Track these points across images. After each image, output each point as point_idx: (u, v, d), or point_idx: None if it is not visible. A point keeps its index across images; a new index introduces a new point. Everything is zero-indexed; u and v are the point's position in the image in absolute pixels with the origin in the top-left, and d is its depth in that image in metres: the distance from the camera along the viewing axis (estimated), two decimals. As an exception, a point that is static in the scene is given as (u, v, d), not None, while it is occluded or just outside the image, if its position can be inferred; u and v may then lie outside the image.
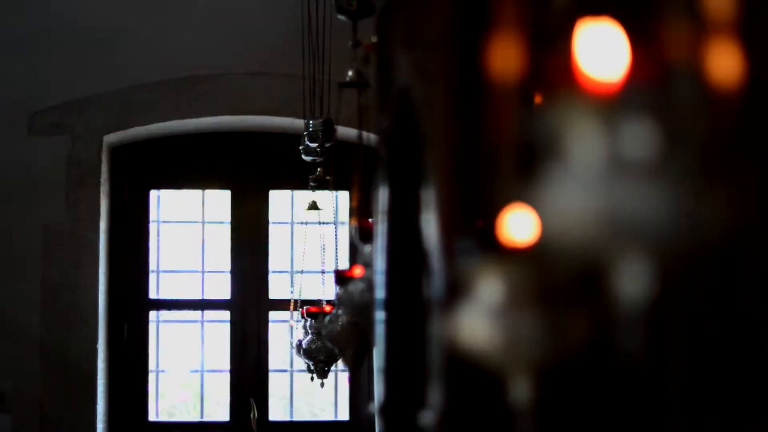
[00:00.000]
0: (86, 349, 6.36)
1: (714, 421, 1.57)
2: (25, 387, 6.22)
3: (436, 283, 2.12)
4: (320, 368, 5.27)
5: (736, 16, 1.00)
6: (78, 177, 6.40)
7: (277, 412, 7.02)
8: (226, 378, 6.95)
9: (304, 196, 6.95)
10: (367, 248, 3.90)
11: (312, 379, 5.47)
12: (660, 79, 0.94)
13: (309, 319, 5.37)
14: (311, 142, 5.52)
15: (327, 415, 7.08)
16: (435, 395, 2.14)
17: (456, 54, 2.05)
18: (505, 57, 1.05)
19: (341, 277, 4.16)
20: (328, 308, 5.15)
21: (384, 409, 3.17)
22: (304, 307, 5.54)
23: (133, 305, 6.90)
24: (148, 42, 6.41)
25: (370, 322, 4.00)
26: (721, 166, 0.95)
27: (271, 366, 6.99)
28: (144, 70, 6.44)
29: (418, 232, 2.80)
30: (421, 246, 2.55)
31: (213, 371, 6.96)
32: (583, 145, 0.97)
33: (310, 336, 5.27)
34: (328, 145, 5.46)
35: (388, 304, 3.28)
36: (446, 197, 2.07)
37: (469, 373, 1.79)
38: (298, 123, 6.02)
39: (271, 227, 7.04)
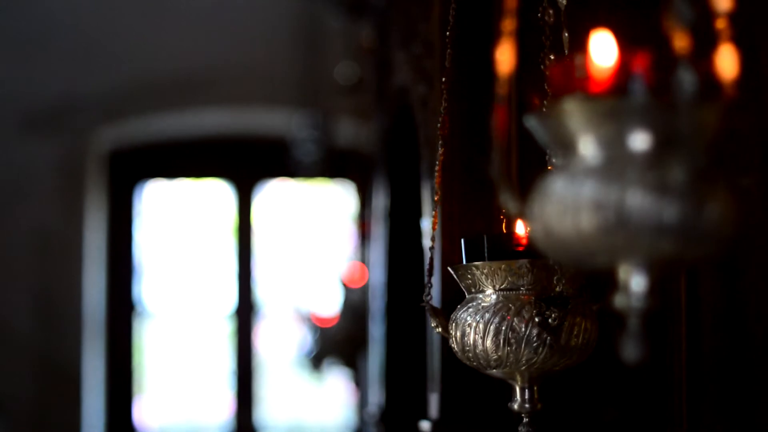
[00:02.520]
0: (78, 354, 6.31)
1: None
2: (18, 391, 6.17)
3: (435, 286, 2.10)
4: (320, 372, 5.27)
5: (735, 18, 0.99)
6: (72, 178, 6.33)
7: (275, 421, 6.98)
8: (223, 386, 6.89)
9: (299, 194, 6.91)
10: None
11: (311, 383, 5.44)
12: (662, 80, 0.93)
13: (311, 325, 5.36)
14: (308, 138, 5.51)
15: (327, 422, 7.03)
16: (434, 401, 2.12)
17: (456, 55, 2.03)
18: (506, 59, 1.04)
19: (344, 283, 4.18)
20: (328, 316, 5.14)
21: (383, 415, 3.16)
22: (306, 313, 5.52)
23: (128, 309, 6.83)
24: (143, 42, 6.36)
25: (366, 328, 3.99)
26: (722, 167, 0.94)
27: (270, 373, 6.94)
28: (138, 69, 6.39)
29: (417, 235, 2.79)
30: (420, 248, 2.54)
31: (208, 378, 6.91)
32: (584, 147, 0.96)
33: (312, 341, 5.27)
34: (324, 142, 5.46)
35: (388, 309, 3.27)
36: (446, 199, 2.06)
37: (468, 379, 1.77)
38: (294, 120, 5.99)
39: (267, 227, 6.99)
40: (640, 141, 0.95)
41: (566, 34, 1.41)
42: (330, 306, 5.35)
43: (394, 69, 2.73)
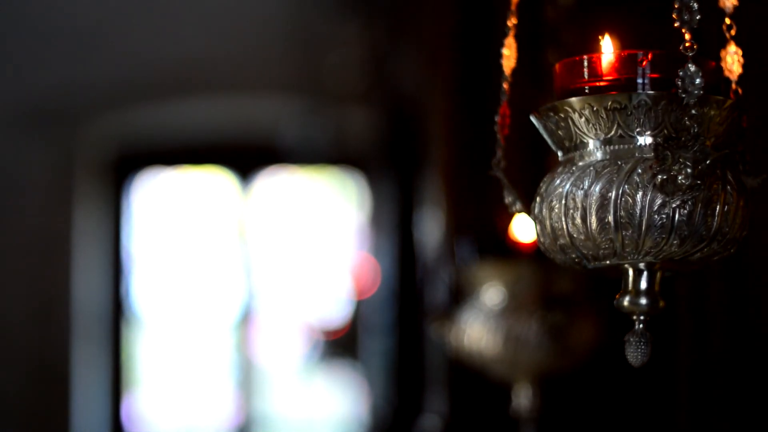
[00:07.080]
0: (70, 353, 6.28)
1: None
2: (10, 389, 6.15)
3: (438, 287, 2.09)
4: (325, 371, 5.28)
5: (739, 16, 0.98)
6: (70, 179, 6.30)
7: (276, 421, 6.92)
8: (221, 385, 6.84)
9: (301, 182, 6.85)
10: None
11: (315, 381, 5.42)
12: (668, 78, 0.92)
13: (323, 341, 5.34)
14: (308, 126, 5.52)
15: (332, 421, 6.99)
16: (438, 400, 2.12)
17: (459, 54, 2.03)
18: (508, 58, 1.03)
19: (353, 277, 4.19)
20: (337, 329, 5.12)
21: (392, 413, 3.16)
22: (317, 328, 5.48)
23: (123, 308, 6.80)
24: (138, 34, 6.31)
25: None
26: (730, 166, 0.93)
27: (275, 386, 6.86)
28: (137, 68, 6.35)
29: (418, 237, 2.78)
30: (422, 250, 2.53)
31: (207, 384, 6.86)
32: (587, 146, 0.95)
33: (317, 341, 5.27)
34: (324, 129, 5.47)
35: (396, 310, 3.27)
36: (448, 200, 2.05)
37: (471, 379, 1.77)
38: (293, 108, 5.98)
39: (269, 216, 6.89)
40: (645, 139, 0.94)
41: (569, 32, 1.40)
42: (338, 303, 5.31)
43: (389, 60, 2.72)
